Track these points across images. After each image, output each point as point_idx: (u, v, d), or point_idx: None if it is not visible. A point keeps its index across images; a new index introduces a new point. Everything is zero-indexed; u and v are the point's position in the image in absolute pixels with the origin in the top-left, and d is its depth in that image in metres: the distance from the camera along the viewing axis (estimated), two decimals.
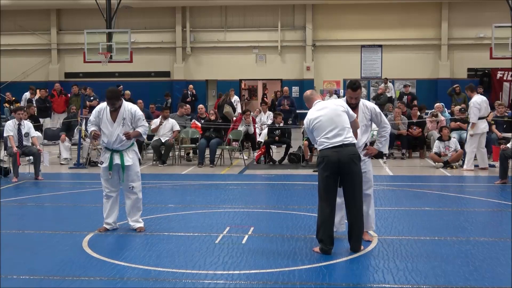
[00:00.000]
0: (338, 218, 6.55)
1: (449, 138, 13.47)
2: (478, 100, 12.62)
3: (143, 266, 5.78)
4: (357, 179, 6.16)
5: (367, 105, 6.75)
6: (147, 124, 7.53)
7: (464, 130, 13.99)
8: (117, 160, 7.17)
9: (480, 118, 12.59)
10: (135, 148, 7.38)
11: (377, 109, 6.78)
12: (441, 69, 25.25)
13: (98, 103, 18.63)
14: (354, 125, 6.34)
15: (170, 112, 15.18)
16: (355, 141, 6.22)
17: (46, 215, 8.73)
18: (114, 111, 7.21)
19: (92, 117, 7.35)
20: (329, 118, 6.17)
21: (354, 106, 6.57)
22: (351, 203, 6.18)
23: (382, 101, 20.20)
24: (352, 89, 6.58)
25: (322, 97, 6.63)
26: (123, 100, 7.34)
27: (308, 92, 6.70)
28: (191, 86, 23.51)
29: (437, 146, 13.45)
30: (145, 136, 7.62)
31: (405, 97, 20.76)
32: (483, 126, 12.66)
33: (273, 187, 11.34)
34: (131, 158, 7.23)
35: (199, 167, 13.65)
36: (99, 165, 7.34)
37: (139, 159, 7.50)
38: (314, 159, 13.13)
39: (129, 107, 7.28)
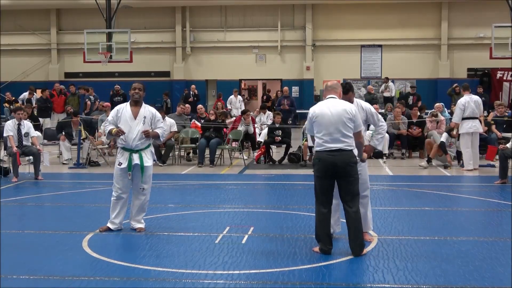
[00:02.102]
0: (334, 219, 6.54)
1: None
2: (463, 101, 12.65)
3: (143, 266, 5.78)
4: (354, 183, 6.11)
5: (362, 105, 6.68)
6: (165, 127, 7.55)
7: None
8: (136, 160, 7.15)
9: (466, 118, 12.58)
10: (152, 149, 7.42)
11: (372, 109, 6.72)
12: (441, 69, 25.27)
13: (98, 103, 18.75)
14: (358, 137, 6.24)
15: (171, 112, 15.17)
16: (353, 147, 6.15)
17: (46, 215, 8.73)
18: (135, 107, 7.21)
19: (110, 116, 7.33)
20: (332, 122, 6.06)
21: None
22: (348, 208, 6.11)
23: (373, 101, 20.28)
24: (343, 92, 6.51)
25: (337, 94, 6.38)
26: (143, 102, 7.37)
27: (330, 82, 6.48)
28: (193, 86, 23.51)
29: (445, 138, 13.34)
30: (162, 139, 7.60)
31: (411, 97, 20.75)
32: (469, 126, 12.61)
33: (273, 187, 11.34)
34: (149, 158, 7.26)
35: (199, 167, 13.65)
36: (117, 165, 7.27)
37: (154, 160, 7.51)
38: None
39: (149, 108, 7.36)
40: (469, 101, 12.62)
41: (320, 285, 5.27)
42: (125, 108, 7.27)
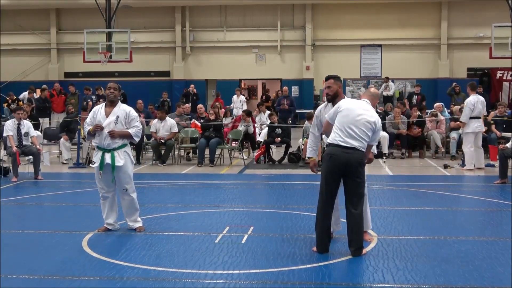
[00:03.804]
0: (334, 218, 6.51)
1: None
2: (473, 101, 12.68)
3: (143, 266, 5.78)
4: (362, 185, 6.11)
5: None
6: (141, 126, 7.43)
7: None
8: (108, 160, 7.08)
9: (473, 118, 12.62)
10: (128, 149, 7.25)
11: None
12: (441, 69, 25.26)
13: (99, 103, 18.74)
14: (368, 150, 6.28)
15: (169, 112, 15.17)
16: (364, 150, 6.16)
17: (46, 215, 8.72)
18: (110, 107, 7.18)
19: (88, 118, 7.32)
20: (356, 120, 6.07)
21: (330, 98, 6.56)
22: (353, 209, 6.07)
23: None
24: (325, 79, 6.73)
25: (372, 102, 6.46)
26: (120, 102, 7.34)
27: (373, 90, 6.62)
28: (192, 85, 23.49)
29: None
30: (137, 139, 7.44)
31: (415, 96, 20.71)
32: (475, 126, 12.68)
33: (273, 187, 11.34)
34: (122, 159, 7.11)
35: (199, 167, 13.65)
36: (91, 165, 7.29)
37: (132, 161, 7.40)
38: None
39: (123, 107, 7.27)
40: (477, 101, 12.69)
41: (320, 285, 5.27)
42: (100, 109, 7.24)
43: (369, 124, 6.11)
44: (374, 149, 6.78)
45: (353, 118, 6.09)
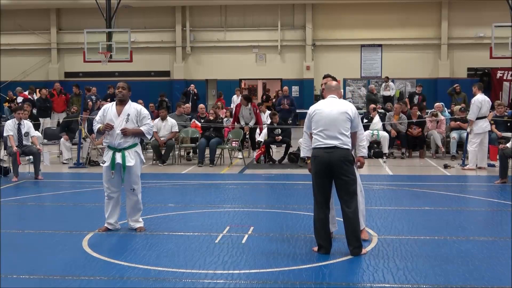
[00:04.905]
0: (330, 218, 6.49)
1: None
2: (480, 99, 12.72)
3: (143, 266, 5.78)
4: (351, 183, 6.10)
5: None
6: (152, 124, 7.50)
7: (464, 129, 14.02)
8: (119, 159, 7.11)
9: (480, 118, 12.65)
10: (138, 149, 7.30)
11: (357, 114, 6.70)
12: (441, 69, 25.25)
13: (100, 102, 18.75)
14: (354, 137, 6.29)
15: (168, 112, 15.16)
16: (349, 146, 6.16)
17: (46, 215, 8.73)
18: (120, 106, 7.19)
19: (97, 116, 7.35)
20: (330, 119, 6.12)
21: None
22: (346, 208, 6.07)
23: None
24: (323, 78, 6.85)
25: (337, 95, 6.47)
26: (130, 100, 7.35)
27: (332, 83, 6.56)
28: (192, 85, 23.49)
29: None
30: (149, 136, 7.52)
31: (417, 96, 20.70)
32: (485, 125, 12.73)
33: (273, 187, 11.34)
34: (132, 159, 7.16)
35: (199, 167, 13.65)
36: (101, 164, 7.30)
37: (142, 161, 7.44)
38: None
39: (134, 105, 7.33)
40: (484, 100, 12.75)
41: (320, 285, 5.27)
42: (111, 107, 7.28)
43: (341, 115, 6.13)
44: (365, 153, 6.72)
45: (325, 117, 6.14)
